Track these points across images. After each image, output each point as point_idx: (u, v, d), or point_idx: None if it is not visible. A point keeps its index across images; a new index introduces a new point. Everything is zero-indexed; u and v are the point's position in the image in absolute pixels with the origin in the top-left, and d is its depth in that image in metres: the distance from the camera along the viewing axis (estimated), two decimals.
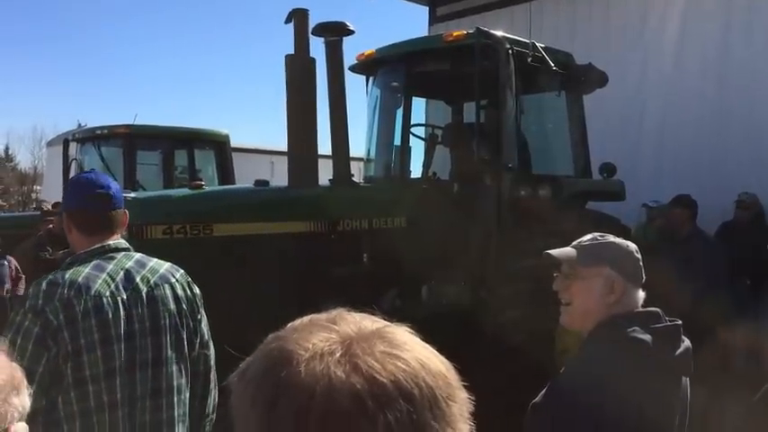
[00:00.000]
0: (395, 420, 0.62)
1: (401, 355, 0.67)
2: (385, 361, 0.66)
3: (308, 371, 0.64)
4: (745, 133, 6.71)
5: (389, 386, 0.64)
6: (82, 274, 2.06)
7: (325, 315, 0.75)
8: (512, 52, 4.76)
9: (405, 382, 0.65)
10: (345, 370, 0.64)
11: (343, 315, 0.74)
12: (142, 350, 2.09)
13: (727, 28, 6.94)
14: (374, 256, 4.51)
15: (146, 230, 3.62)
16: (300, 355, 0.66)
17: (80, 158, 8.59)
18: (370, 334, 0.69)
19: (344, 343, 0.67)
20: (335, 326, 0.71)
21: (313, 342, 0.68)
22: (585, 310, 1.97)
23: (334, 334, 0.69)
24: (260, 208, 4.24)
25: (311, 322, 0.73)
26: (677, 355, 1.88)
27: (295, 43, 4.25)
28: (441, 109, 6.56)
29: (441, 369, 0.70)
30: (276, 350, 0.69)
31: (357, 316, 0.74)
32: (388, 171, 5.68)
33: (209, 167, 8.94)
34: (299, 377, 0.64)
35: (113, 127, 8.30)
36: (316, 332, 0.70)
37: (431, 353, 0.72)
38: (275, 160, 14.39)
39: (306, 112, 4.27)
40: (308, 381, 0.64)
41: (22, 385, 1.05)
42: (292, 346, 0.68)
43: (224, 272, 3.78)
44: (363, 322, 0.72)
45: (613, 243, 2.00)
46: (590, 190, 5.55)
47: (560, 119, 5.71)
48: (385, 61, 5.48)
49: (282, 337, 0.71)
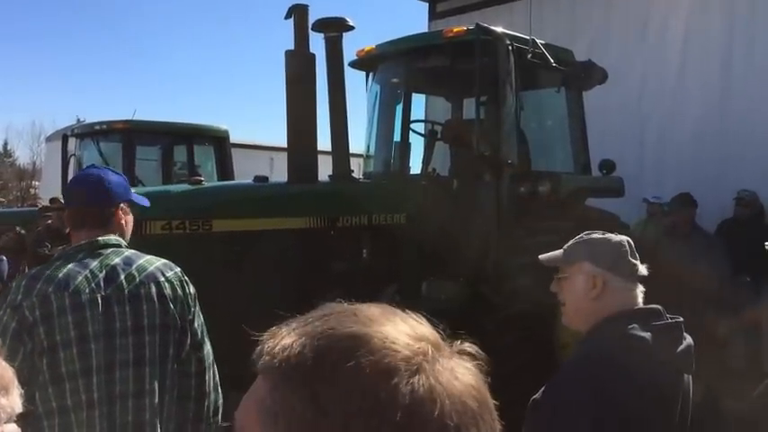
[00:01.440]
0: None
1: (470, 368, 0.67)
2: (465, 373, 0.66)
3: (411, 392, 0.60)
4: (747, 131, 6.71)
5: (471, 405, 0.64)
6: (63, 270, 2.04)
7: (378, 306, 0.70)
8: (512, 48, 4.75)
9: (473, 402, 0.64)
10: (450, 382, 0.63)
11: (396, 312, 0.70)
12: (122, 349, 2.04)
13: (730, 29, 6.93)
14: (374, 253, 4.51)
15: (145, 226, 3.61)
16: (398, 367, 0.61)
17: (79, 154, 8.58)
18: (441, 341, 0.68)
19: (437, 350, 0.65)
20: (415, 323, 0.68)
21: (403, 349, 0.63)
22: (575, 308, 2.01)
23: (418, 335, 0.66)
24: (259, 204, 4.24)
25: (381, 312, 0.68)
26: (678, 352, 1.88)
27: (295, 39, 4.24)
28: (441, 105, 6.55)
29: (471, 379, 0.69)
30: (381, 352, 0.62)
31: (410, 316, 0.71)
32: (387, 167, 5.67)
33: (209, 163, 8.93)
34: (402, 399, 0.59)
35: (112, 122, 8.28)
36: (402, 327, 0.66)
37: None
38: (274, 156, 14.39)
39: (305, 108, 4.27)
40: (411, 404, 0.59)
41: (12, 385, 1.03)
42: (396, 346, 0.63)
43: (223, 268, 3.79)
44: (421, 327, 0.69)
45: (594, 239, 2.02)
46: (589, 187, 5.55)
47: (560, 115, 5.71)
48: (385, 57, 5.47)
49: (372, 336, 0.64)
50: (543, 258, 2.11)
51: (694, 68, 7.14)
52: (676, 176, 6.88)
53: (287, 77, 4.29)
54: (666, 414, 1.87)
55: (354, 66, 5.60)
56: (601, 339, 1.90)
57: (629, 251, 1.98)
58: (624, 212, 5.68)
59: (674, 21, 7.27)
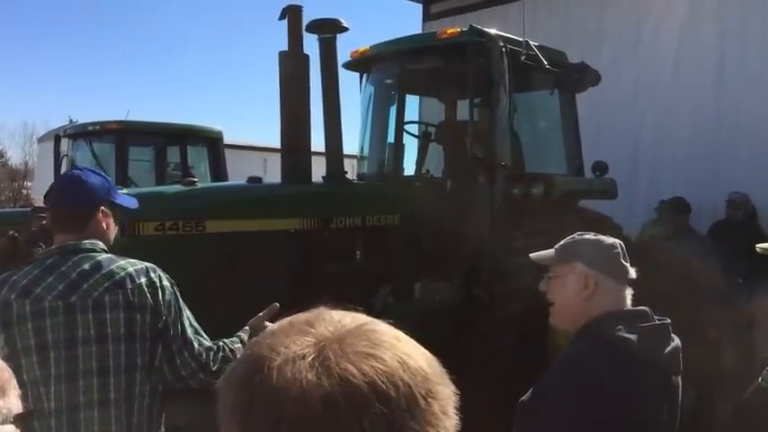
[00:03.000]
0: (370, 425, 0.61)
1: (378, 354, 0.65)
2: (359, 362, 0.64)
3: (280, 377, 0.63)
4: (740, 132, 6.74)
5: (364, 388, 0.62)
6: (28, 277, 2.00)
7: (305, 315, 0.73)
8: (505, 50, 4.77)
9: (380, 383, 0.63)
10: (317, 373, 0.62)
11: (322, 315, 0.72)
12: (86, 358, 1.99)
13: (722, 31, 6.97)
14: (367, 254, 4.51)
15: (138, 227, 3.61)
16: (273, 360, 0.65)
17: (72, 154, 8.54)
18: (346, 333, 0.67)
19: (318, 345, 0.65)
20: (312, 328, 0.69)
21: (286, 346, 0.66)
22: (565, 308, 2.01)
23: (309, 336, 0.67)
24: (253, 205, 4.23)
25: (290, 325, 0.71)
26: (665, 353, 1.89)
27: (289, 40, 4.24)
28: (434, 106, 6.56)
29: (421, 366, 0.68)
30: (252, 356, 0.68)
31: (338, 314, 0.72)
32: (381, 168, 5.68)
33: (202, 164, 8.91)
34: (272, 384, 0.63)
35: (105, 123, 8.25)
36: (292, 336, 0.68)
37: (413, 348, 0.69)
38: (268, 157, 14.36)
39: (299, 109, 4.27)
40: (280, 387, 0.62)
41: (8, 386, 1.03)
42: (266, 351, 0.67)
43: (216, 268, 3.78)
44: (343, 321, 0.70)
45: (586, 239, 2.03)
46: (582, 189, 5.57)
47: (553, 117, 5.73)
48: (379, 58, 5.48)
49: (258, 343, 0.70)
50: (534, 257, 2.11)
51: (688, 70, 7.16)
52: (670, 178, 6.91)
53: (281, 78, 4.29)
54: (654, 415, 1.87)
55: (348, 67, 5.60)
56: (588, 341, 1.90)
57: (620, 253, 1.98)
58: (619, 214, 5.71)
59: (668, 23, 7.30)
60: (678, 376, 1.95)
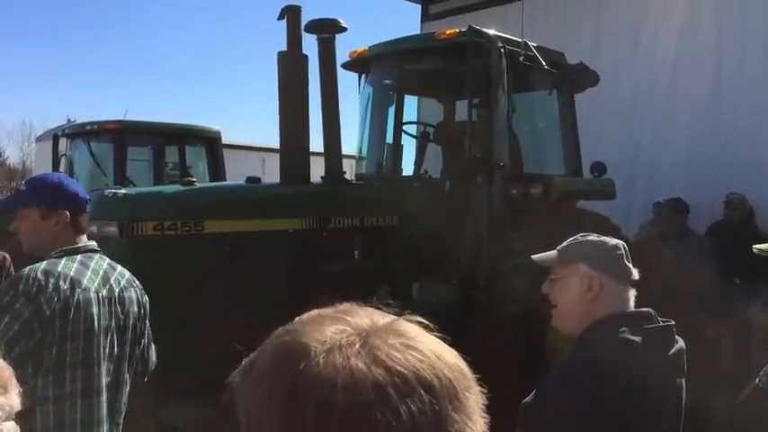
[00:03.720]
0: (418, 411, 0.62)
1: (418, 347, 0.67)
2: (404, 352, 0.65)
3: (329, 363, 0.64)
4: (738, 133, 6.75)
5: (410, 377, 0.64)
6: (72, 268, 2.16)
7: (332, 309, 0.74)
8: (504, 51, 4.77)
9: (425, 373, 0.65)
10: (366, 362, 0.64)
11: (352, 308, 0.73)
12: (112, 345, 2.24)
13: (720, 34, 6.98)
14: (365, 254, 4.52)
15: (136, 227, 3.61)
16: (317, 347, 0.65)
17: (70, 154, 8.52)
18: (384, 326, 0.69)
19: (361, 335, 0.67)
20: (349, 317, 0.70)
21: (328, 334, 0.67)
22: (569, 310, 1.99)
23: (348, 326, 0.68)
24: (252, 205, 4.24)
25: (321, 315, 0.72)
26: (670, 355, 1.87)
27: (288, 40, 4.24)
28: (433, 107, 6.56)
29: (456, 361, 0.71)
30: (290, 343, 0.68)
31: (367, 309, 0.74)
32: (380, 169, 5.68)
33: (201, 164, 8.89)
34: (319, 369, 0.63)
35: (103, 122, 8.23)
36: (329, 324, 0.69)
37: (444, 346, 0.72)
38: (266, 157, 14.34)
39: (298, 109, 4.27)
40: (329, 373, 0.63)
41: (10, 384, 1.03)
42: (307, 338, 0.67)
43: (215, 268, 3.78)
44: (374, 315, 0.72)
45: (589, 240, 2.00)
46: (581, 189, 5.58)
47: (552, 118, 5.73)
48: (377, 59, 5.48)
49: (294, 330, 0.70)
50: (537, 258, 2.09)
51: (686, 72, 7.17)
52: (668, 179, 6.92)
53: (280, 78, 4.29)
54: (658, 418, 1.86)
55: (347, 67, 5.60)
56: (592, 343, 1.88)
57: (624, 254, 1.96)
58: (617, 215, 5.72)
59: (666, 24, 7.30)
60: (682, 378, 1.94)
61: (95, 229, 3.77)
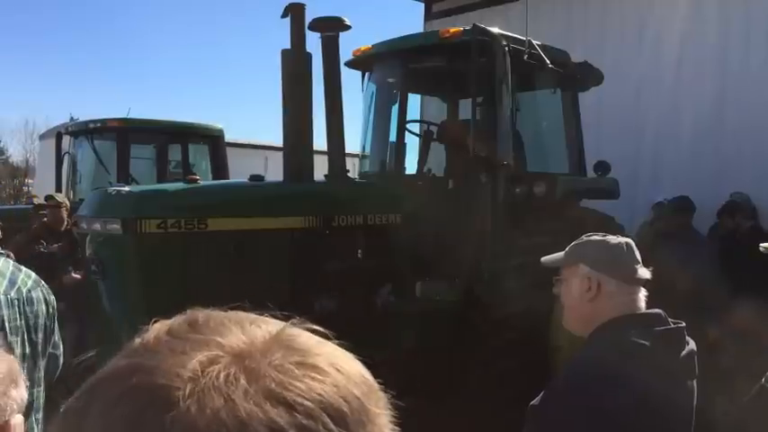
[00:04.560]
0: None
1: (318, 365, 0.51)
2: (301, 377, 0.50)
3: (204, 412, 0.46)
4: (743, 133, 6.74)
5: (315, 409, 0.48)
6: None
7: (184, 320, 0.55)
8: (508, 49, 4.76)
9: (331, 399, 0.50)
10: (256, 400, 0.47)
11: (215, 319, 0.55)
12: (22, 345, 2.28)
13: (726, 31, 6.96)
14: (368, 252, 4.51)
15: (140, 224, 3.61)
16: (183, 389, 0.47)
17: (73, 152, 8.55)
18: (267, 342, 0.52)
19: (241, 362, 0.49)
20: (216, 337, 0.52)
21: (193, 367, 0.48)
22: (573, 311, 1.98)
23: (219, 350, 0.50)
24: (255, 203, 4.24)
25: (174, 336, 0.53)
26: (680, 358, 1.85)
27: (291, 38, 4.23)
28: (436, 105, 6.56)
29: (361, 372, 0.55)
30: (140, 390, 0.48)
31: (233, 317, 0.56)
32: (383, 167, 5.68)
33: (203, 162, 8.90)
34: (194, 421, 0.45)
35: (107, 120, 8.24)
36: (190, 351, 0.50)
37: (341, 352, 0.56)
38: (269, 156, 14.35)
39: (302, 107, 4.27)
40: (209, 424, 0.45)
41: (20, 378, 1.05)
42: (164, 377, 0.48)
43: (218, 266, 3.79)
44: (248, 328, 0.54)
45: (591, 240, 1.99)
46: (584, 188, 5.57)
47: (556, 116, 5.72)
48: (381, 57, 5.48)
49: (141, 367, 0.49)
50: (544, 260, 2.09)
51: (690, 71, 7.16)
52: (672, 178, 6.91)
53: (283, 76, 4.29)
54: (668, 421, 1.84)
55: (350, 65, 5.60)
56: (600, 346, 1.86)
57: (627, 253, 1.93)
58: (621, 214, 5.70)
59: (670, 22, 7.29)
60: (693, 380, 1.91)
61: (99, 227, 3.78)
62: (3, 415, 1.00)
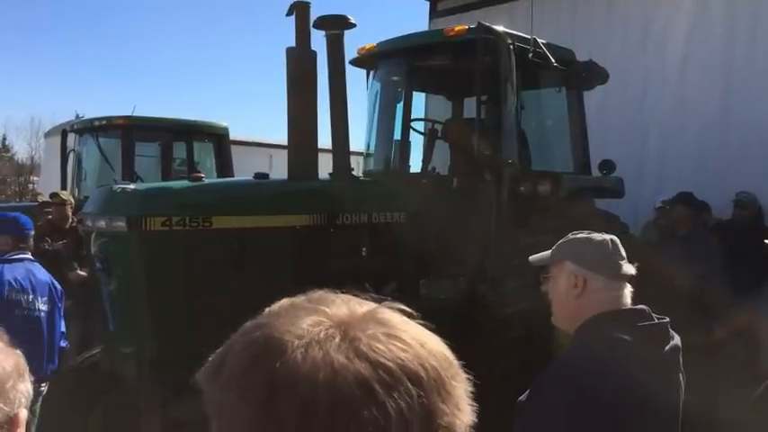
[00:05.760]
0: (406, 406, 0.59)
1: (401, 336, 0.63)
2: (387, 343, 0.62)
3: (308, 359, 0.59)
4: (748, 132, 6.72)
5: (396, 369, 0.60)
6: None
7: (305, 298, 0.70)
8: (513, 48, 4.75)
9: (410, 364, 0.61)
10: (348, 355, 0.60)
11: (327, 297, 0.69)
12: None
13: (731, 29, 6.93)
14: (373, 251, 4.51)
15: (145, 222, 3.62)
16: (293, 342, 0.61)
17: (78, 149, 8.57)
18: (364, 316, 0.65)
19: (340, 327, 0.63)
20: (325, 307, 0.66)
21: (304, 327, 0.62)
22: (560, 308, 2.02)
23: (325, 317, 0.64)
24: (259, 201, 4.24)
25: (294, 306, 0.68)
26: (664, 352, 1.87)
27: (296, 36, 4.23)
28: (441, 104, 6.55)
29: (441, 349, 0.67)
30: (264, 339, 0.63)
31: (343, 297, 0.69)
32: (387, 165, 5.67)
33: (208, 160, 8.92)
34: (298, 366, 0.59)
35: (112, 118, 8.27)
36: (303, 316, 0.64)
37: (428, 333, 0.68)
38: (273, 154, 14.37)
39: (306, 105, 4.26)
40: (309, 369, 0.59)
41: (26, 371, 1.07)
42: (280, 333, 0.62)
43: (222, 264, 3.79)
44: (351, 304, 0.68)
45: (576, 238, 2.02)
46: (589, 187, 5.56)
47: (561, 115, 5.70)
48: (386, 55, 5.47)
49: (266, 325, 0.65)
50: (533, 259, 2.14)
51: (696, 70, 7.14)
52: (677, 178, 6.89)
53: (288, 75, 4.28)
54: (653, 415, 1.86)
55: (355, 63, 5.60)
56: (584, 341, 1.89)
57: (611, 250, 1.96)
58: (625, 213, 5.69)
59: (676, 19, 7.27)
60: (679, 374, 1.94)
61: (103, 224, 3.79)
62: (12, 408, 1.02)
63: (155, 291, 3.69)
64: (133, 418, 3.79)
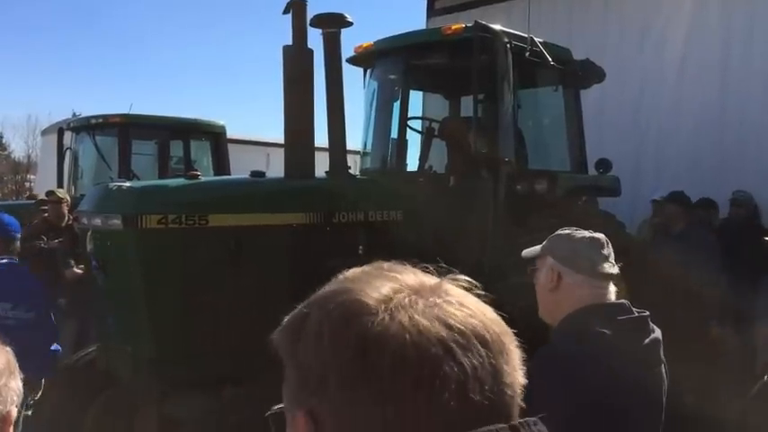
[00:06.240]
0: (479, 364, 0.67)
1: (468, 306, 0.72)
2: (458, 310, 0.70)
3: (395, 321, 0.67)
4: (744, 131, 6.74)
5: (469, 333, 0.68)
6: None
7: (372, 266, 0.77)
8: (510, 46, 4.75)
9: (479, 330, 0.69)
10: (429, 319, 0.67)
11: (391, 266, 0.77)
12: None
13: (728, 29, 6.95)
14: (369, 249, 4.51)
15: (141, 220, 3.61)
16: (381, 306, 0.68)
17: (75, 147, 8.56)
18: (435, 286, 0.73)
19: (418, 294, 0.70)
20: (397, 275, 0.73)
21: (386, 293, 0.70)
22: (540, 301, 2.08)
23: (401, 285, 0.71)
24: (256, 199, 4.23)
25: (367, 273, 0.75)
26: (643, 345, 1.89)
27: (293, 34, 4.22)
28: (438, 102, 6.55)
29: (498, 318, 0.75)
30: (352, 302, 0.69)
31: (408, 268, 0.77)
32: (384, 164, 5.67)
33: (205, 158, 8.91)
34: (387, 326, 0.66)
35: (109, 116, 8.25)
36: (383, 283, 0.72)
37: (486, 305, 0.76)
38: (271, 152, 14.36)
39: (303, 104, 4.26)
40: (398, 330, 0.66)
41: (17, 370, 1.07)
42: (366, 297, 0.69)
43: (219, 262, 3.79)
44: (417, 273, 0.76)
45: (560, 234, 2.06)
46: (586, 185, 5.56)
47: (557, 114, 5.71)
48: (383, 54, 5.47)
49: (348, 290, 0.71)
50: (525, 253, 2.19)
51: (693, 69, 7.15)
52: (674, 176, 6.90)
53: (285, 73, 4.27)
54: (633, 407, 1.87)
55: (352, 62, 5.59)
56: (563, 335, 1.92)
57: (589, 248, 1.98)
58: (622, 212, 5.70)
59: (673, 19, 7.27)
60: (660, 367, 1.95)
61: (99, 222, 3.78)
62: (5, 405, 1.01)
63: (151, 289, 3.68)
64: (129, 415, 3.79)
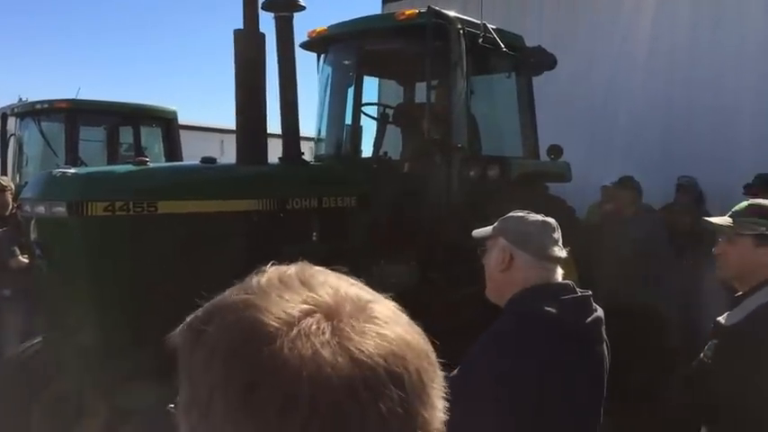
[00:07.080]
0: (387, 410, 0.59)
1: (387, 334, 0.63)
2: (373, 340, 0.61)
3: (294, 351, 0.59)
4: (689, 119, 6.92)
5: (381, 372, 0.60)
6: None
7: (293, 271, 0.69)
8: (463, 33, 4.77)
9: (395, 368, 0.60)
10: (333, 351, 0.59)
11: (314, 274, 0.69)
12: None
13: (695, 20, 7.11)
14: (324, 236, 4.49)
15: (86, 207, 3.51)
16: (281, 331, 0.60)
17: (19, 134, 8.28)
18: (351, 305, 0.64)
19: (330, 318, 0.62)
20: (311, 292, 0.65)
21: (294, 315, 0.61)
22: (489, 281, 2.13)
23: (315, 304, 0.63)
24: (206, 185, 4.16)
25: (283, 282, 0.67)
26: (586, 324, 1.95)
27: (244, 18, 4.15)
28: (393, 88, 6.54)
29: (425, 348, 0.66)
30: (250, 321, 0.62)
31: (330, 276, 0.69)
32: (338, 150, 5.65)
33: (156, 145, 8.73)
34: (285, 358, 0.58)
35: (55, 101, 8.00)
36: (293, 300, 0.63)
37: (413, 330, 0.67)
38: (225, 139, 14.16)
39: (255, 89, 4.20)
40: (296, 363, 0.58)
41: None
42: (269, 318, 0.61)
43: (169, 250, 3.72)
44: (341, 287, 0.67)
45: (512, 216, 2.11)
46: (537, 171, 5.64)
47: (510, 101, 5.76)
48: (336, 39, 5.42)
49: (253, 306, 0.63)
50: (475, 233, 2.21)
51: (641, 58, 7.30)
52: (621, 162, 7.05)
53: (236, 58, 4.20)
54: (577, 385, 1.93)
55: (306, 47, 5.53)
56: (509, 314, 1.98)
57: (541, 231, 2.04)
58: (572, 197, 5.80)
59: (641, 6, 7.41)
60: (602, 345, 2.03)
61: (43, 210, 3.67)
62: None
63: (97, 278, 3.60)
64: (78, 407, 3.70)
